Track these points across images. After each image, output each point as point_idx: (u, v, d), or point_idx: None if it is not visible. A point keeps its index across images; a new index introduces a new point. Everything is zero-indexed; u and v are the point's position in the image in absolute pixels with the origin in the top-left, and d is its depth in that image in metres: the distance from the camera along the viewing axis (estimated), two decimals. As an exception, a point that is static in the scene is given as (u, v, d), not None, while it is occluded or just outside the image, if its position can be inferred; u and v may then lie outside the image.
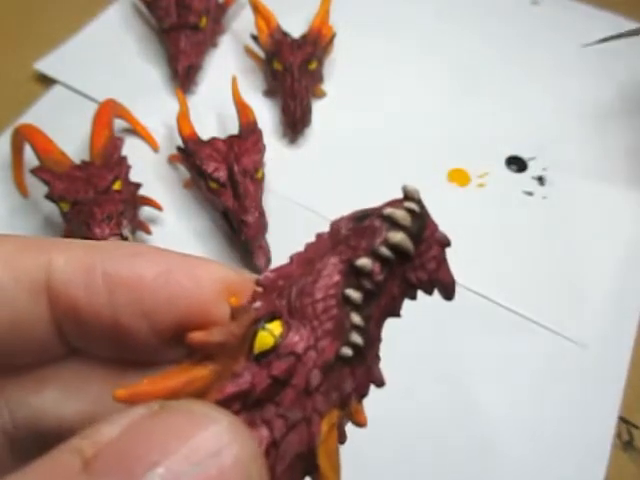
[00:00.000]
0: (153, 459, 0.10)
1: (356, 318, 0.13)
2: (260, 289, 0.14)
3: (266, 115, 0.41)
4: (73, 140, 0.38)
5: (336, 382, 0.13)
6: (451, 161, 0.39)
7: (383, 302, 0.13)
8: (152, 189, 0.36)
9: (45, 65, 0.43)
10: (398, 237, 0.13)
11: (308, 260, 0.14)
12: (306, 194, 0.37)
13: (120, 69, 0.43)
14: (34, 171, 0.33)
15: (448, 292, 0.14)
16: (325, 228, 0.14)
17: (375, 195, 0.43)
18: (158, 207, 0.35)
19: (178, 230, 0.36)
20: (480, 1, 0.49)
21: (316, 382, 0.12)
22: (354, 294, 0.13)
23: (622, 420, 0.30)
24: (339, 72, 0.44)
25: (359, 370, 0.13)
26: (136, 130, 0.39)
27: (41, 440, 0.15)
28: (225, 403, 0.12)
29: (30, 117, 0.39)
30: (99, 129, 0.35)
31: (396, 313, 0.14)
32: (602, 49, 0.46)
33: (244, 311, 0.13)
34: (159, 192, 0.37)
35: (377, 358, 0.14)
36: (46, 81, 0.42)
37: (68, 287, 0.14)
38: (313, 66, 0.41)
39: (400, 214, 0.13)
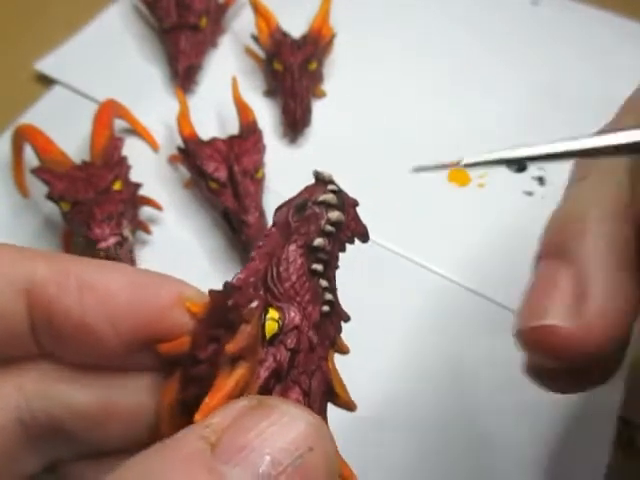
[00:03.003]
0: (265, 451, 0.13)
1: (324, 282, 0.17)
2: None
3: (266, 115, 0.41)
4: (73, 140, 0.38)
5: (325, 332, 0.17)
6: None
7: (333, 263, 0.17)
8: (152, 189, 0.36)
9: (45, 65, 0.43)
10: (336, 215, 0.17)
11: (267, 254, 0.17)
12: (306, 194, 0.37)
13: (120, 69, 0.43)
14: (34, 171, 0.33)
15: (365, 238, 0.18)
16: None
17: (375, 195, 0.43)
18: (158, 207, 0.35)
19: (178, 230, 0.36)
20: (480, 1, 0.49)
21: (315, 340, 0.16)
22: (318, 266, 0.17)
23: (622, 420, 0.30)
24: (339, 72, 0.44)
25: (334, 316, 0.17)
26: (136, 130, 0.39)
27: (54, 426, 0.17)
28: (266, 385, 0.15)
29: (30, 117, 0.39)
30: (99, 129, 0.35)
31: (338, 266, 0.18)
32: (603, 49, 0.46)
33: (252, 313, 0.15)
34: (159, 192, 0.37)
35: (338, 302, 0.18)
36: (46, 81, 0.42)
37: (44, 287, 0.16)
38: (313, 66, 0.41)
39: (330, 197, 0.17)
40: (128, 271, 0.17)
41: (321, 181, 0.18)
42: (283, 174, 0.38)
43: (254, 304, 0.15)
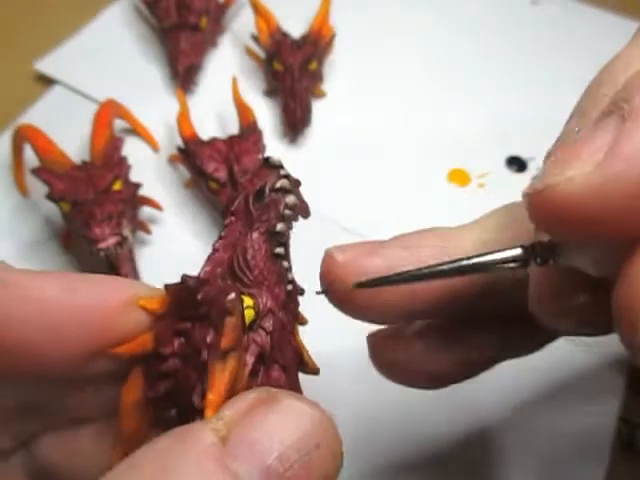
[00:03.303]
0: (274, 447, 0.13)
1: (286, 263, 0.18)
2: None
3: (266, 115, 0.41)
4: (73, 140, 0.38)
5: (290, 309, 0.18)
6: (451, 161, 0.39)
7: (288, 243, 0.18)
8: (152, 189, 0.36)
9: (45, 65, 0.43)
10: (292, 199, 0.18)
11: (230, 244, 0.18)
12: (306, 194, 0.37)
13: (120, 69, 0.43)
14: (34, 171, 0.33)
15: (307, 214, 0.20)
16: (325, 227, 0.18)
17: (375, 194, 0.43)
18: (158, 207, 0.35)
19: (178, 230, 0.36)
20: (480, 1, 0.49)
21: (285, 319, 0.17)
22: (280, 250, 0.18)
23: (622, 420, 0.30)
24: (339, 72, 0.44)
25: (294, 293, 0.18)
26: (136, 130, 0.39)
27: (22, 402, 0.16)
28: (254, 370, 0.16)
29: (30, 117, 0.39)
30: (99, 129, 0.35)
31: (290, 244, 0.19)
32: (603, 49, 0.46)
33: (234, 306, 0.15)
34: (159, 192, 0.37)
35: (294, 278, 0.19)
36: (46, 81, 0.42)
37: None
38: (313, 66, 0.41)
39: (285, 182, 0.18)
40: (67, 275, 0.16)
41: (271, 166, 0.18)
42: (283, 174, 0.38)
43: (231, 296, 0.15)
